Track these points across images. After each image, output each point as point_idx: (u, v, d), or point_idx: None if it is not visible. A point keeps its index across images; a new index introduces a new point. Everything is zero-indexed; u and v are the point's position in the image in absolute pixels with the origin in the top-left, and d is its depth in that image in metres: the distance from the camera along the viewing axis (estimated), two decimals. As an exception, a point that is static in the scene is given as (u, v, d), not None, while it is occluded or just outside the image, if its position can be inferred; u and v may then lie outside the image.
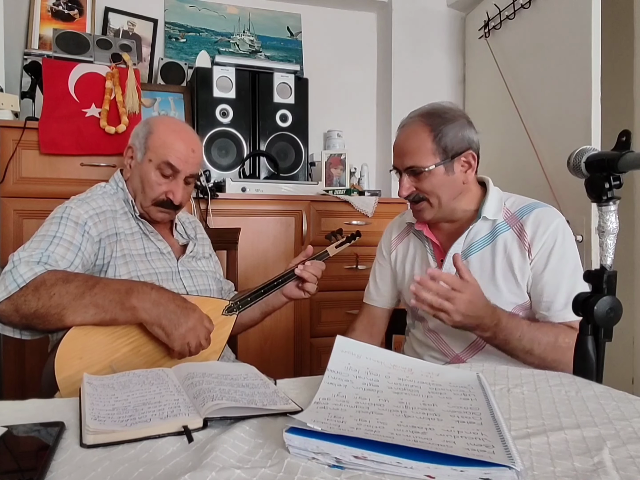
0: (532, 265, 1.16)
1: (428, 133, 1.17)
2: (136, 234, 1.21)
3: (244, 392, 0.67)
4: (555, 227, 1.15)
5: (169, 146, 1.20)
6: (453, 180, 1.19)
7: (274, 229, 2.14)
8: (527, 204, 1.21)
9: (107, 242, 1.15)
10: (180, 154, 1.20)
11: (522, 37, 2.32)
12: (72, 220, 1.11)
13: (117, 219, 1.19)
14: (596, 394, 0.74)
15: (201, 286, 1.27)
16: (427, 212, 1.22)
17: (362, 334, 1.38)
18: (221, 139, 2.32)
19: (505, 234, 1.19)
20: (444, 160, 1.17)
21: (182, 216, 1.40)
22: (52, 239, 1.07)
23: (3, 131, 1.68)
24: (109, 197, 1.22)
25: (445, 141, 1.16)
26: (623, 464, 0.51)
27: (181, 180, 1.22)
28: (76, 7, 2.35)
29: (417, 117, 1.21)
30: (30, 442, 0.58)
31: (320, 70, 2.77)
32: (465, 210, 1.24)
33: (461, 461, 0.48)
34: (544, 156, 2.11)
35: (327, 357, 0.76)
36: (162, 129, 1.22)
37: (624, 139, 0.84)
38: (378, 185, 2.81)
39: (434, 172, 1.17)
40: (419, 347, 1.34)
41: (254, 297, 1.22)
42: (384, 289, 1.42)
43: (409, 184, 1.20)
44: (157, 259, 1.21)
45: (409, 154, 1.18)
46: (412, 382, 0.73)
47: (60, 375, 0.94)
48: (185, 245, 1.32)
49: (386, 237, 1.45)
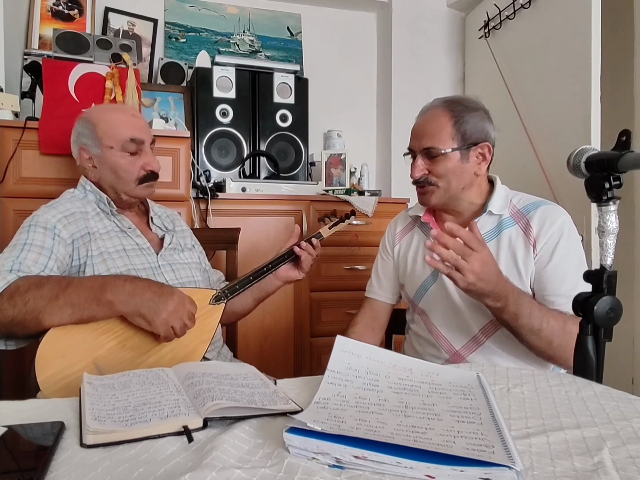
0: (536, 260, 1.16)
1: (449, 117, 1.19)
2: (111, 232, 1.20)
3: (244, 392, 0.67)
4: (562, 223, 1.16)
5: (118, 125, 1.21)
6: (466, 169, 1.20)
7: (274, 229, 2.13)
8: (533, 201, 1.23)
9: (80, 243, 1.14)
10: (131, 124, 1.22)
11: (522, 37, 2.32)
12: (41, 226, 1.11)
13: (89, 219, 1.19)
14: (596, 394, 0.74)
15: (184, 279, 1.26)
16: (434, 196, 1.22)
17: (364, 329, 1.38)
18: (221, 139, 2.32)
19: (511, 229, 1.20)
20: (460, 146, 1.18)
21: (159, 210, 1.39)
22: (22, 246, 1.07)
23: (3, 131, 1.68)
24: (78, 201, 1.22)
25: (464, 128, 1.18)
26: (623, 464, 0.51)
27: (148, 148, 1.24)
28: (76, 7, 2.35)
29: (439, 102, 1.23)
30: (30, 442, 0.58)
31: (320, 70, 2.77)
32: (472, 203, 1.25)
33: (461, 461, 0.48)
34: (544, 156, 2.11)
35: (327, 357, 0.76)
36: (101, 116, 1.23)
37: (624, 139, 0.84)
38: (378, 185, 2.81)
39: (449, 156, 1.18)
40: (418, 344, 1.34)
41: (242, 285, 1.21)
42: (387, 283, 1.42)
43: (423, 166, 1.21)
44: (135, 255, 1.20)
45: (427, 135, 1.19)
46: (412, 382, 0.73)
47: (41, 375, 0.94)
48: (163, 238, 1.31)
49: (390, 231, 1.45)
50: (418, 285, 1.31)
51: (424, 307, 1.30)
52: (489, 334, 1.20)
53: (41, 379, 0.94)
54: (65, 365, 0.96)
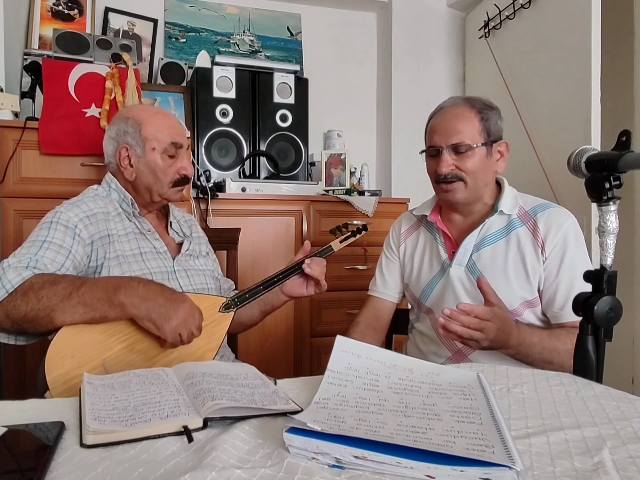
0: (545, 266, 1.18)
1: (475, 113, 1.21)
2: (130, 234, 1.21)
3: (244, 392, 0.67)
4: (568, 227, 1.18)
5: (163, 128, 1.23)
6: (489, 166, 1.23)
7: (274, 229, 2.13)
8: (540, 203, 1.25)
9: (99, 244, 1.15)
10: (174, 129, 1.25)
11: (522, 37, 2.32)
12: (62, 224, 1.11)
13: (110, 220, 1.19)
14: (596, 394, 0.74)
15: (198, 285, 1.26)
16: (461, 193, 1.22)
17: (366, 328, 1.38)
18: (221, 139, 2.32)
19: (519, 230, 1.22)
20: (486, 142, 1.20)
21: (178, 214, 1.39)
22: (41, 243, 1.07)
23: (3, 131, 1.68)
24: (101, 200, 1.22)
25: (489, 124, 1.21)
26: (623, 464, 0.51)
27: (184, 153, 1.26)
28: (76, 7, 2.35)
29: (461, 100, 1.25)
30: (30, 442, 0.58)
31: (320, 70, 2.77)
32: (484, 204, 1.27)
33: (461, 461, 0.48)
34: (544, 156, 2.11)
35: (327, 357, 0.76)
36: (147, 117, 1.24)
37: (624, 139, 0.84)
38: (378, 185, 2.81)
39: (477, 152, 1.20)
40: (422, 343, 1.34)
41: (252, 294, 1.21)
42: (391, 282, 1.42)
43: (451, 161, 1.20)
44: (152, 259, 1.21)
45: (456, 131, 1.20)
46: (412, 382, 0.73)
47: (50, 374, 0.94)
48: (181, 244, 1.32)
49: (395, 230, 1.45)
50: (424, 284, 1.32)
51: (430, 306, 1.31)
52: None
53: (50, 379, 0.94)
54: (74, 365, 0.96)
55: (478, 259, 1.23)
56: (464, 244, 1.24)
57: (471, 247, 1.24)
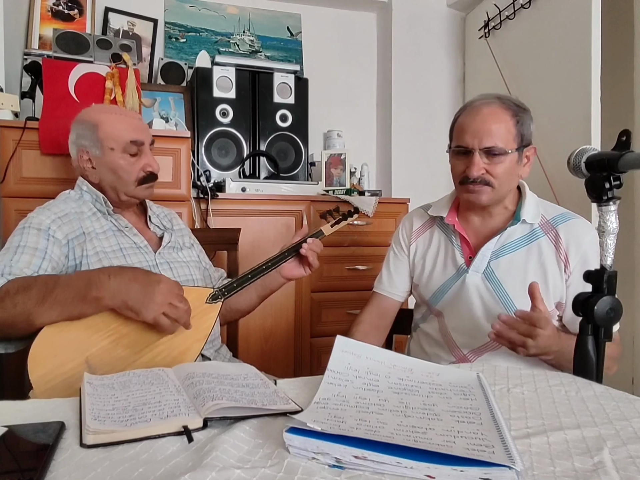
0: (569, 284, 1.16)
1: (510, 116, 1.15)
2: (108, 232, 1.20)
3: (244, 392, 0.67)
4: (590, 241, 1.15)
5: (121, 128, 1.22)
6: (517, 171, 1.19)
7: (274, 229, 2.13)
8: (561, 212, 1.21)
9: (75, 243, 1.15)
10: (133, 127, 1.24)
11: (522, 37, 2.32)
12: (34, 227, 1.12)
13: (85, 219, 1.19)
14: (596, 394, 0.74)
15: (182, 277, 1.26)
16: (486, 195, 1.17)
17: (369, 327, 1.35)
18: (221, 139, 2.32)
19: (541, 240, 1.18)
20: (519, 147, 1.16)
21: (157, 209, 1.39)
22: (15, 249, 1.08)
23: (3, 131, 1.67)
24: (74, 202, 1.22)
25: (523, 129, 1.16)
26: (623, 464, 0.51)
27: (148, 150, 1.25)
28: (76, 7, 2.35)
29: (495, 99, 1.17)
30: (30, 442, 0.58)
31: (320, 70, 2.77)
32: (506, 208, 1.23)
33: (461, 461, 0.48)
34: (544, 156, 2.11)
35: (327, 357, 0.76)
36: (101, 117, 1.23)
37: (624, 139, 0.84)
38: (378, 185, 2.81)
39: (509, 157, 1.14)
40: (427, 344, 1.32)
41: (240, 283, 1.20)
42: (398, 281, 1.38)
43: (482, 165, 1.14)
44: (132, 254, 1.20)
45: (490, 133, 1.13)
46: (412, 382, 0.73)
47: (33, 374, 0.94)
48: (162, 237, 1.31)
49: (405, 227, 1.40)
50: (436, 287, 1.28)
51: (441, 309, 1.28)
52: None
53: (33, 378, 0.94)
54: (57, 364, 0.96)
55: (497, 267, 1.19)
56: (482, 251, 1.20)
57: (489, 253, 1.20)
